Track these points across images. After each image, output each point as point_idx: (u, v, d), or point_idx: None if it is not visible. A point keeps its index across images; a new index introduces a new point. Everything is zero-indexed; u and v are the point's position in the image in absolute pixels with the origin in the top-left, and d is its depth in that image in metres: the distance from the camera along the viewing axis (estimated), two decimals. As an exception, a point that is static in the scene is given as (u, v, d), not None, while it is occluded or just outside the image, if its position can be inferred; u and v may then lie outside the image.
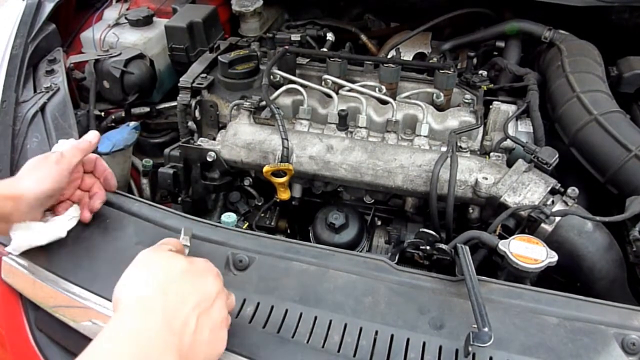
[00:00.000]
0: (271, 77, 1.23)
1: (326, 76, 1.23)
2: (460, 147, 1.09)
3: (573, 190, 0.93)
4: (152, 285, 0.62)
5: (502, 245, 0.81)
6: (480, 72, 1.31)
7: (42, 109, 1.11)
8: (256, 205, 1.21)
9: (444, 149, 1.10)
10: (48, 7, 1.37)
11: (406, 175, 1.04)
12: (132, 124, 1.30)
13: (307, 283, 0.79)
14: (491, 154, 1.09)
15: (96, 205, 0.88)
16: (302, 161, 1.08)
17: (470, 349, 0.67)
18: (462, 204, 1.03)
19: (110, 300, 0.67)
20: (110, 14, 1.54)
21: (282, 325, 0.74)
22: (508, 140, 1.09)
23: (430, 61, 1.42)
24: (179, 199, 1.20)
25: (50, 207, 0.86)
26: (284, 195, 1.08)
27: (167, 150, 1.17)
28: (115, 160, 1.19)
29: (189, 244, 0.77)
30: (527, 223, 0.93)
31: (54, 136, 1.04)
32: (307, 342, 0.72)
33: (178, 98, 1.23)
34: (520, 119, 1.17)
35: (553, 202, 0.94)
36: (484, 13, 1.48)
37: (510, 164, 1.03)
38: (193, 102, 1.22)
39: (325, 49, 1.47)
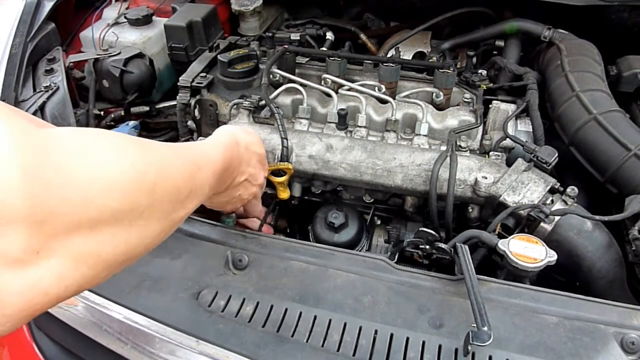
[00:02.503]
0: (271, 76, 1.23)
1: (326, 75, 1.23)
2: (460, 146, 1.09)
3: (572, 190, 0.93)
4: (244, 139, 0.84)
5: (502, 244, 0.81)
6: (479, 71, 1.31)
7: (42, 108, 1.11)
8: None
9: (443, 148, 1.10)
10: (47, 6, 1.36)
11: (405, 175, 1.04)
12: (132, 123, 1.31)
13: (307, 282, 0.80)
14: (490, 153, 1.09)
15: None
16: (301, 160, 1.08)
17: (469, 348, 0.67)
18: (461, 203, 1.03)
19: (108, 300, 0.75)
20: (110, 13, 1.54)
21: (281, 325, 0.74)
22: (507, 139, 1.09)
23: (430, 60, 1.42)
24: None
25: None
26: (283, 194, 1.08)
27: (166, 150, 1.17)
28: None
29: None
30: (526, 222, 0.93)
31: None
32: (307, 341, 0.72)
33: (177, 97, 1.23)
34: (520, 118, 1.16)
35: (552, 201, 0.93)
36: (484, 12, 1.48)
37: (509, 163, 1.03)
38: (192, 101, 1.22)
39: (324, 48, 1.47)
